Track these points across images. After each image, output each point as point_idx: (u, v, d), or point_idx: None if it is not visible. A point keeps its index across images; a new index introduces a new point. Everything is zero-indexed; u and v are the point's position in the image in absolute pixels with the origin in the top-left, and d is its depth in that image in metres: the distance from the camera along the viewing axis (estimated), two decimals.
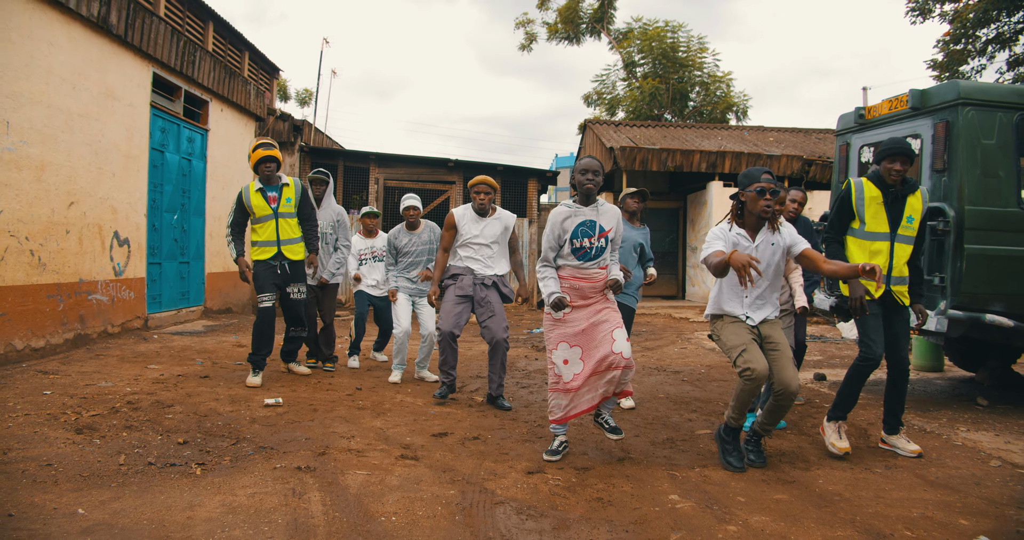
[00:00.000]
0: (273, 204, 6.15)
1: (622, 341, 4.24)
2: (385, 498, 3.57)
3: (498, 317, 5.73)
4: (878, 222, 4.55)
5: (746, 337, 4.11)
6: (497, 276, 5.85)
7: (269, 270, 6.21)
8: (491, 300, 5.75)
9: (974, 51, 19.51)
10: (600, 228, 4.29)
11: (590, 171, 4.27)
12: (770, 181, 4.10)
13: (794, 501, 3.72)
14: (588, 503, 3.61)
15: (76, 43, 7.71)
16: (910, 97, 6.10)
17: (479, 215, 5.81)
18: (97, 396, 5.52)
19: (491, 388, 5.77)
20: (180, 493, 3.53)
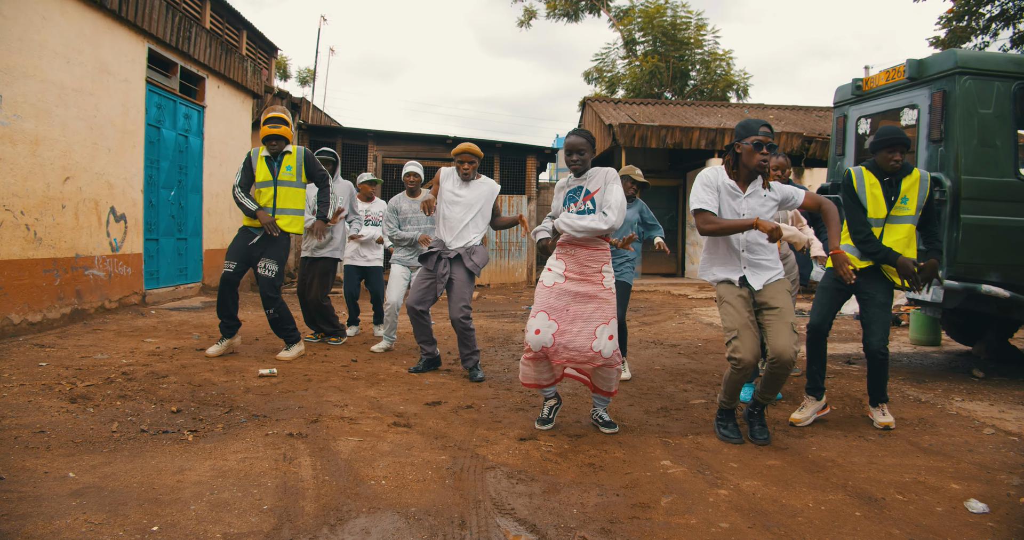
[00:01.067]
0: (275, 173, 6.04)
1: (604, 339, 4.12)
2: (376, 463, 3.57)
3: (455, 295, 5.62)
4: (876, 208, 4.53)
5: (741, 319, 4.00)
6: (464, 248, 5.66)
7: (246, 239, 6.06)
8: (453, 275, 5.64)
9: (977, 28, 19.36)
10: (586, 191, 4.23)
11: (575, 151, 4.19)
12: (768, 135, 4.02)
13: (786, 467, 3.73)
14: (579, 468, 3.62)
15: (70, 17, 7.64)
16: (907, 67, 6.04)
17: (464, 181, 5.71)
18: (92, 367, 5.52)
19: (462, 363, 5.80)
20: (171, 458, 3.54)
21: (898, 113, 6.28)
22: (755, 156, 3.98)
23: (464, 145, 5.62)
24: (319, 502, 3.04)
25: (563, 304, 4.17)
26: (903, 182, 4.52)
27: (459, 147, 5.62)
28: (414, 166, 6.66)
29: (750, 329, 3.99)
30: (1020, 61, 5.71)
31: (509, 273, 15.47)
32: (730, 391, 4.15)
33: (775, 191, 4.13)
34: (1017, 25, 19.31)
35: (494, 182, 5.84)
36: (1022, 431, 4.43)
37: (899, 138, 4.39)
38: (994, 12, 19.30)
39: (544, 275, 4.31)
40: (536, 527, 2.86)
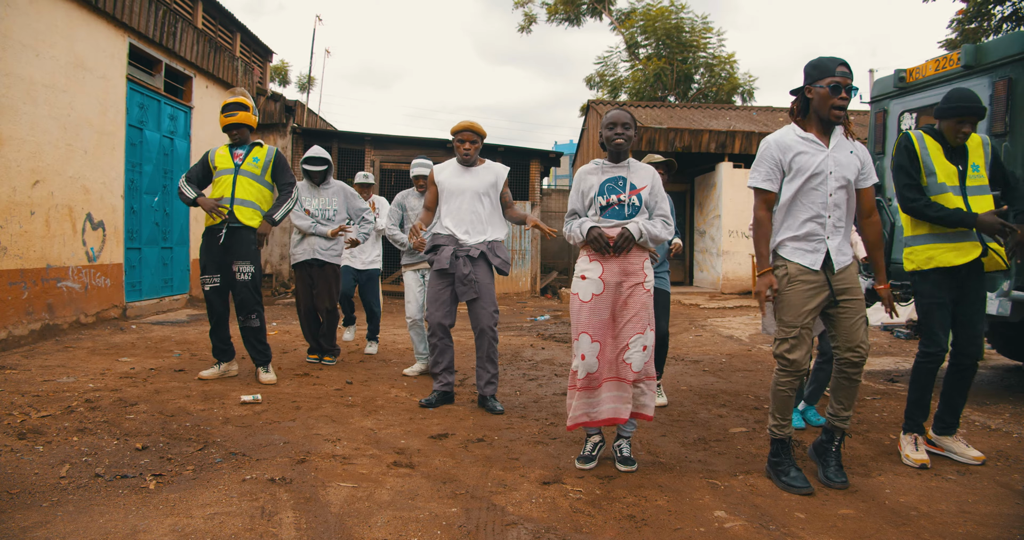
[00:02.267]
0: (237, 160, 5.37)
1: (636, 350, 3.57)
2: (373, 518, 2.94)
3: (484, 299, 4.80)
4: (948, 176, 3.86)
5: (804, 315, 3.39)
6: (487, 243, 4.86)
7: (211, 243, 5.36)
8: (476, 277, 4.77)
9: (989, 29, 18.91)
10: (632, 185, 3.62)
11: (619, 124, 3.60)
12: (846, 75, 3.38)
13: (864, 517, 3.10)
14: (618, 523, 2.99)
15: (38, 6, 7.04)
16: (963, 53, 5.47)
17: (465, 166, 4.94)
18: (53, 394, 4.89)
19: (479, 386, 4.93)
20: (124, 515, 2.91)
21: None
22: (830, 100, 3.34)
23: (464, 122, 4.85)
24: None
25: (603, 320, 3.59)
26: (969, 149, 3.89)
27: (458, 124, 4.86)
28: (421, 168, 6.04)
29: (808, 330, 3.42)
30: None
31: (513, 283, 14.84)
32: (782, 406, 3.50)
33: (859, 147, 3.50)
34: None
35: (500, 165, 5.03)
36: None
37: (974, 106, 3.74)
38: (1005, 12, 18.85)
39: (578, 286, 3.66)
40: None
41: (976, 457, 3.92)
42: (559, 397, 5.30)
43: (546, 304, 13.49)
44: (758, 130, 15.86)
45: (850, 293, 3.45)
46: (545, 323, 10.48)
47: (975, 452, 3.96)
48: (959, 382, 3.95)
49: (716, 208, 15.68)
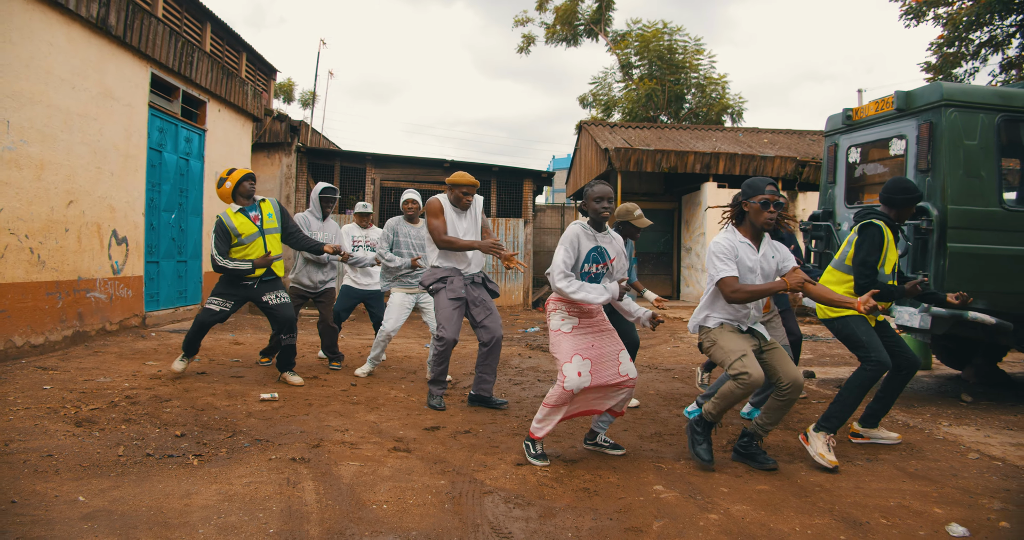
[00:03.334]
0: (257, 222, 6.05)
1: (627, 362, 4.32)
2: (377, 487, 3.67)
3: (495, 315, 5.65)
4: (891, 266, 4.71)
5: (746, 345, 4.13)
6: (482, 274, 5.79)
7: (236, 282, 6.07)
8: (485, 299, 5.68)
9: (967, 54, 19.61)
10: (605, 255, 4.35)
11: (605, 198, 4.26)
12: (774, 193, 4.16)
13: (775, 491, 3.83)
14: (575, 493, 3.72)
15: (75, 44, 7.80)
16: (895, 98, 6.21)
17: (462, 211, 5.67)
18: (96, 391, 5.61)
19: (481, 389, 5.65)
20: (177, 482, 3.63)
21: (887, 143, 6.44)
22: (763, 214, 4.11)
23: (465, 176, 5.58)
24: (323, 526, 3.13)
25: (588, 342, 4.28)
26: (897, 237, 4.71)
27: (460, 178, 5.57)
28: (412, 194, 6.77)
29: (754, 355, 4.10)
30: (1004, 94, 5.88)
31: (506, 296, 15.57)
32: (725, 406, 4.18)
33: (777, 250, 4.28)
34: (1006, 51, 19.57)
35: (477, 196, 5.80)
36: (1006, 456, 4.55)
37: (919, 194, 4.62)
38: (983, 38, 19.55)
39: (558, 325, 4.31)
40: None
41: (896, 437, 4.84)
42: (539, 399, 6.01)
43: (538, 317, 14.20)
44: (742, 152, 16.64)
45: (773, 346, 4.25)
46: (535, 334, 11.19)
47: (894, 434, 4.88)
48: (900, 384, 4.73)
49: (701, 225, 16.43)
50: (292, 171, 15.15)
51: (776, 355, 4.21)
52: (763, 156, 16.53)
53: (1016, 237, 5.70)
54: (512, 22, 29.30)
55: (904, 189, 4.65)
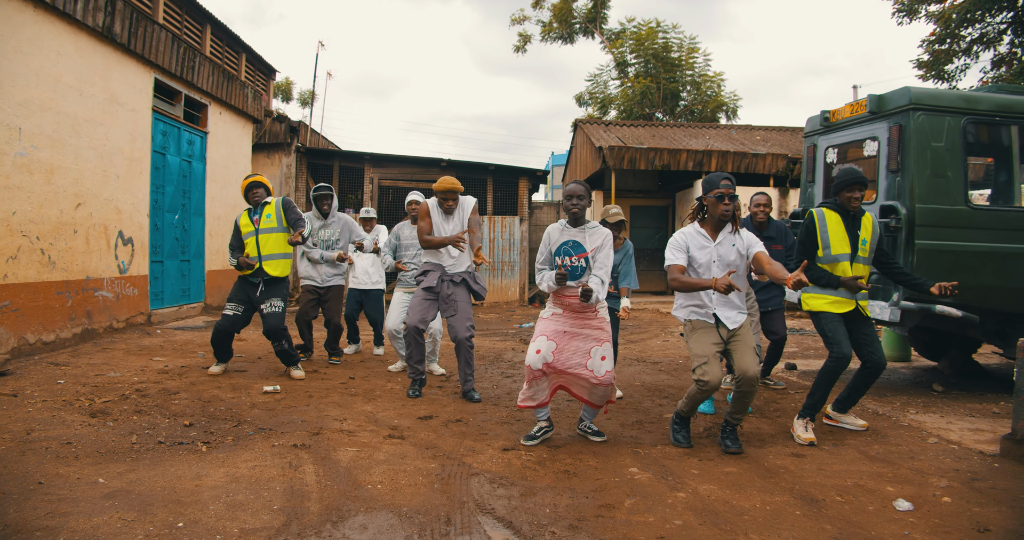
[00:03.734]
0: (256, 223, 6.38)
1: (596, 360, 4.55)
2: (372, 470, 3.97)
3: (461, 315, 5.85)
4: (841, 245, 4.93)
5: (710, 348, 4.44)
6: (467, 272, 5.98)
7: (245, 285, 6.45)
8: (456, 298, 5.87)
9: (959, 50, 19.85)
10: (579, 247, 4.61)
11: (575, 196, 4.58)
12: (728, 187, 4.47)
13: (742, 473, 4.13)
14: (555, 474, 4.02)
15: (83, 52, 8.10)
16: (868, 102, 6.49)
17: (445, 212, 5.95)
18: (107, 385, 5.91)
19: (461, 382, 5.99)
20: (188, 466, 3.94)
21: (861, 144, 6.73)
22: (719, 206, 4.46)
23: (445, 182, 5.84)
24: (322, 503, 3.44)
25: (560, 328, 4.60)
26: (862, 222, 4.96)
27: (440, 184, 5.84)
28: (416, 195, 7.05)
29: (717, 359, 4.43)
30: (969, 98, 6.16)
31: (503, 292, 15.88)
32: (691, 405, 4.58)
33: (742, 238, 4.55)
34: (997, 48, 19.79)
35: (468, 198, 6.03)
36: (962, 440, 4.85)
37: (859, 177, 4.85)
38: (974, 35, 19.77)
39: (542, 312, 4.74)
40: (512, 524, 3.27)
41: (862, 424, 5.15)
42: None
43: (533, 312, 14.50)
44: (734, 149, 16.93)
45: (735, 336, 4.52)
46: (529, 330, 11.49)
47: (862, 421, 5.20)
48: (866, 379, 5.03)
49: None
50: (292, 171, 15.44)
51: (739, 346, 4.49)
52: (755, 153, 16.82)
53: (980, 234, 5.99)
54: (509, 21, 29.43)
55: (837, 175, 4.99)
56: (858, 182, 4.86)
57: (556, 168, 43.98)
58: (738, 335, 4.53)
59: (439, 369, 7.09)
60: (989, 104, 6.13)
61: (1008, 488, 3.87)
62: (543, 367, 4.57)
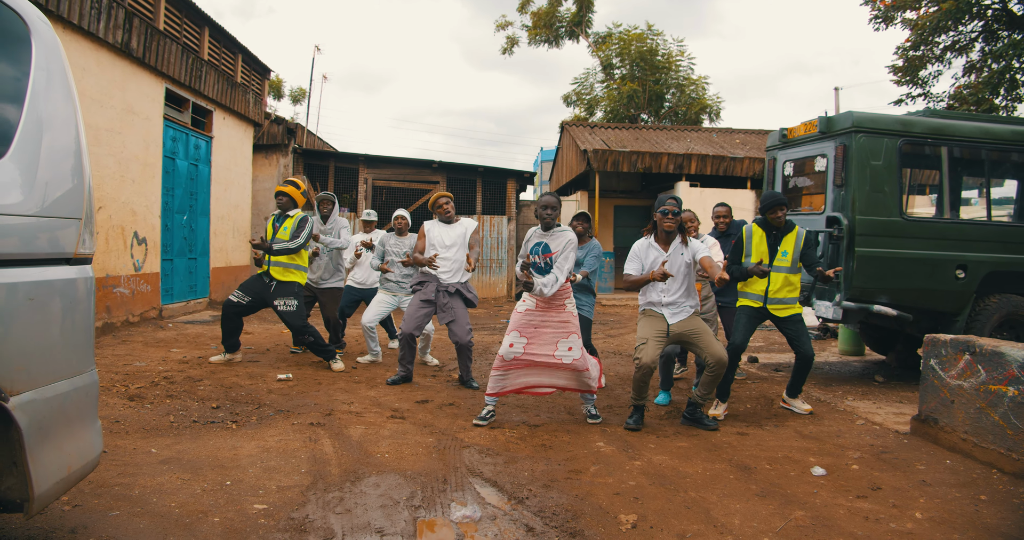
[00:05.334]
0: (276, 231, 7.04)
1: (563, 350, 5.30)
2: (379, 443, 4.72)
3: (459, 322, 6.44)
4: (758, 255, 5.82)
5: (651, 333, 5.24)
6: (460, 284, 6.57)
7: (259, 280, 7.06)
8: (453, 306, 6.47)
9: (932, 57, 20.65)
10: (547, 249, 5.38)
11: (549, 207, 5.36)
12: (672, 205, 5.23)
13: (691, 447, 4.90)
14: (534, 447, 4.78)
15: (103, 66, 8.78)
16: (819, 123, 7.26)
17: (446, 224, 6.65)
18: (136, 373, 6.62)
19: (461, 373, 6.69)
20: (224, 440, 4.67)
21: (814, 160, 7.50)
22: (664, 222, 5.26)
23: (437, 193, 6.68)
24: (341, 467, 4.18)
25: (531, 324, 5.33)
26: (784, 239, 5.82)
27: (433, 197, 6.66)
28: (402, 212, 7.70)
29: (656, 342, 5.21)
30: (904, 122, 6.95)
31: (490, 288, 16.63)
32: (636, 389, 5.33)
33: (690, 248, 5.31)
34: (968, 55, 20.55)
35: (470, 221, 6.76)
36: (884, 422, 5.64)
37: (779, 200, 5.73)
38: (947, 43, 20.52)
39: (518, 305, 5.47)
40: (497, 483, 4.02)
41: (807, 409, 5.97)
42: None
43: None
44: (713, 153, 17.72)
45: (693, 331, 5.30)
46: None
47: (807, 406, 6.01)
48: (798, 369, 5.90)
49: None
50: (289, 171, 16.11)
51: (701, 339, 5.26)
52: (733, 157, 17.61)
53: (912, 242, 6.78)
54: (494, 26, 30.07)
55: (762, 198, 5.91)
56: (778, 204, 5.76)
57: (545, 163, 44.60)
58: (694, 330, 5.28)
59: (433, 360, 7.82)
60: (922, 127, 6.92)
61: (907, 458, 4.66)
62: (513, 359, 5.31)
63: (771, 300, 5.81)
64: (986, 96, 19.16)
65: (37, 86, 2.69)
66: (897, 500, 3.89)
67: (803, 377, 5.93)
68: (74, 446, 2.72)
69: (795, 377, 5.97)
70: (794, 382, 6.01)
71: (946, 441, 4.86)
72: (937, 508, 3.79)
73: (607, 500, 3.83)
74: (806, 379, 5.99)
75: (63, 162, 2.79)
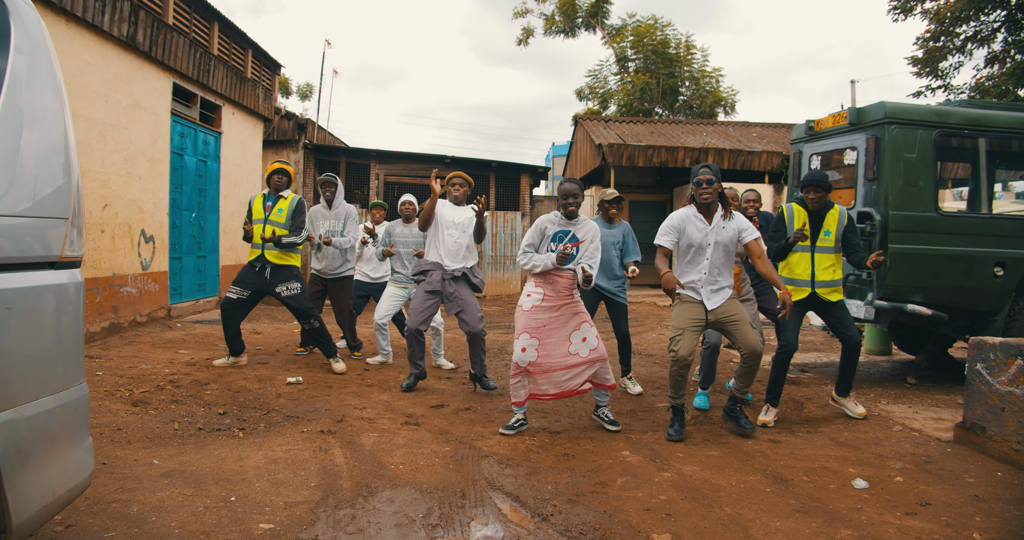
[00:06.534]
0: (267, 212, 6.73)
1: (578, 342, 5.05)
2: (393, 453, 4.47)
3: (469, 310, 6.05)
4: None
5: (687, 322, 4.92)
6: (467, 268, 6.16)
7: (249, 270, 6.75)
8: (460, 294, 6.07)
9: (953, 48, 20.22)
10: (574, 237, 5.10)
11: (571, 195, 5.07)
12: (706, 173, 4.89)
13: (723, 456, 4.63)
14: (556, 457, 4.52)
15: (108, 60, 8.56)
16: (848, 114, 6.97)
17: (455, 205, 6.28)
18: (142, 376, 6.41)
19: (475, 368, 6.27)
20: (229, 450, 4.44)
21: (842, 153, 7.20)
22: (699, 192, 4.92)
23: (455, 172, 6.32)
24: (353, 481, 3.94)
25: (540, 323, 5.06)
26: (827, 217, 5.49)
27: (451, 174, 6.32)
28: (409, 196, 7.44)
29: (692, 332, 4.91)
30: (939, 112, 6.64)
31: (504, 285, 16.38)
32: (673, 385, 5.02)
33: (735, 221, 4.98)
34: (991, 46, 20.12)
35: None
36: (924, 428, 5.35)
37: (812, 179, 5.45)
38: (968, 33, 20.09)
39: (523, 300, 5.18)
40: (519, 498, 3.77)
41: (861, 412, 5.67)
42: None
43: None
44: (730, 146, 17.39)
45: (731, 317, 4.95)
46: None
47: (861, 408, 5.72)
48: (845, 360, 5.61)
49: None
50: (300, 167, 15.90)
51: (738, 327, 4.92)
52: (750, 151, 17.28)
53: (948, 239, 6.47)
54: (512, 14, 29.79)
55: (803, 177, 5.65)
56: (812, 183, 5.47)
57: (557, 158, 44.33)
58: (733, 315, 4.94)
59: (447, 363, 7.49)
60: (959, 118, 6.61)
61: (954, 469, 4.37)
62: (529, 364, 5.03)
63: (819, 284, 5.51)
64: (1010, 87, 18.72)
65: (16, 72, 2.45)
66: (950, 518, 3.62)
67: (852, 369, 5.64)
68: (60, 468, 2.48)
69: (844, 371, 5.67)
70: (843, 377, 5.70)
71: (996, 451, 4.57)
72: (996, 528, 3.51)
73: (637, 517, 3.57)
74: (855, 372, 5.70)
75: (47, 158, 2.56)
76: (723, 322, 4.98)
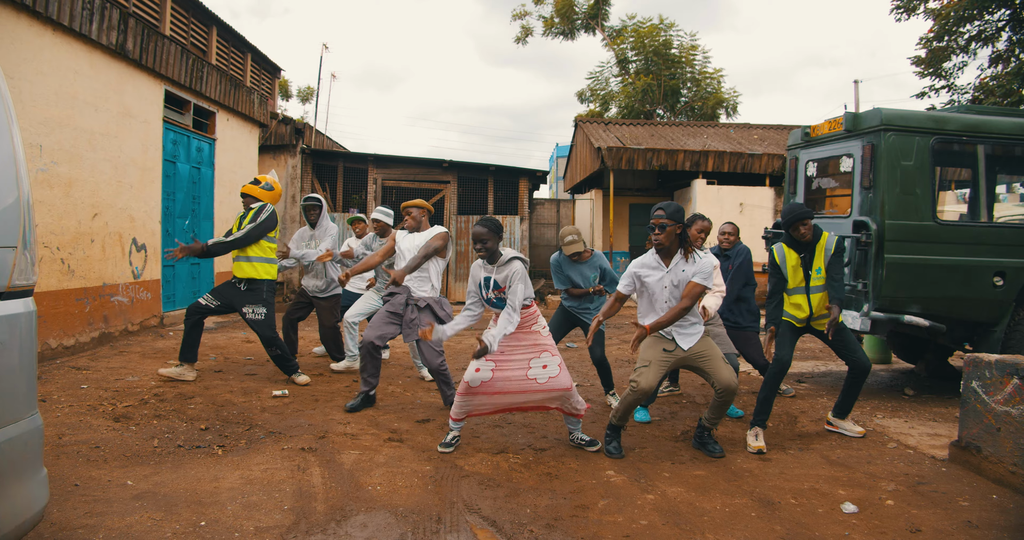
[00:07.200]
0: (239, 223, 6.69)
1: (537, 369, 4.88)
2: (373, 472, 4.38)
3: (428, 344, 5.77)
4: (796, 280, 5.36)
5: (657, 356, 4.80)
6: (433, 299, 5.99)
7: (229, 285, 6.72)
8: (419, 324, 5.85)
9: (956, 48, 20.06)
10: (495, 284, 4.93)
11: (479, 240, 4.86)
12: (660, 218, 4.73)
13: (709, 476, 4.53)
14: (539, 477, 4.42)
15: (97, 69, 8.49)
16: (844, 120, 6.85)
17: (411, 233, 6.12)
18: (127, 389, 6.33)
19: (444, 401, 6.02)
20: (206, 469, 4.35)
21: (839, 160, 7.09)
22: (652, 236, 4.78)
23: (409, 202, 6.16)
24: (328, 503, 3.85)
25: (499, 349, 4.86)
26: (815, 256, 5.34)
27: (404, 205, 6.18)
28: (377, 213, 7.34)
29: (659, 366, 4.79)
30: (937, 119, 6.52)
31: None
32: (623, 410, 4.89)
33: (696, 264, 4.76)
34: (995, 45, 19.97)
35: (437, 226, 6.17)
36: (919, 445, 5.24)
37: (799, 214, 5.24)
38: (972, 32, 19.93)
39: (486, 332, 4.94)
40: (496, 523, 3.67)
41: (859, 431, 5.52)
42: None
43: None
44: (730, 149, 17.27)
45: (703, 354, 4.83)
46: None
47: (859, 428, 5.56)
48: (850, 382, 5.43)
49: None
50: (297, 172, 15.84)
51: (710, 364, 4.82)
52: (751, 153, 17.16)
53: (946, 248, 6.36)
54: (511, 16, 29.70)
55: (783, 213, 5.44)
56: (799, 219, 5.24)
57: (561, 159, 44.19)
58: (704, 353, 4.83)
59: (430, 375, 7.32)
60: (957, 124, 6.49)
61: (948, 491, 4.26)
62: (480, 385, 4.84)
63: (817, 318, 5.41)
64: (1015, 87, 18.56)
65: None
66: None
67: (856, 393, 5.45)
68: (7, 506, 2.40)
69: (846, 393, 5.47)
70: (845, 399, 5.51)
71: (991, 472, 4.45)
72: None
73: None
74: (858, 395, 5.54)
75: None
76: (694, 360, 4.86)
